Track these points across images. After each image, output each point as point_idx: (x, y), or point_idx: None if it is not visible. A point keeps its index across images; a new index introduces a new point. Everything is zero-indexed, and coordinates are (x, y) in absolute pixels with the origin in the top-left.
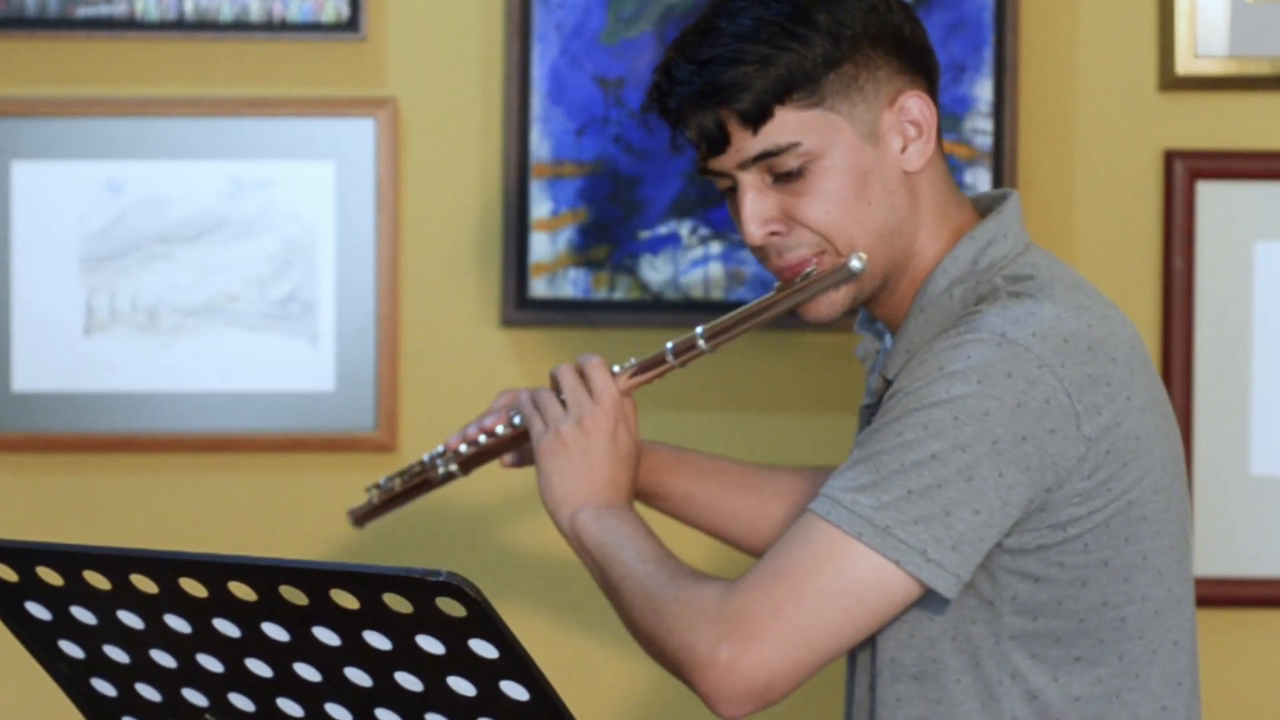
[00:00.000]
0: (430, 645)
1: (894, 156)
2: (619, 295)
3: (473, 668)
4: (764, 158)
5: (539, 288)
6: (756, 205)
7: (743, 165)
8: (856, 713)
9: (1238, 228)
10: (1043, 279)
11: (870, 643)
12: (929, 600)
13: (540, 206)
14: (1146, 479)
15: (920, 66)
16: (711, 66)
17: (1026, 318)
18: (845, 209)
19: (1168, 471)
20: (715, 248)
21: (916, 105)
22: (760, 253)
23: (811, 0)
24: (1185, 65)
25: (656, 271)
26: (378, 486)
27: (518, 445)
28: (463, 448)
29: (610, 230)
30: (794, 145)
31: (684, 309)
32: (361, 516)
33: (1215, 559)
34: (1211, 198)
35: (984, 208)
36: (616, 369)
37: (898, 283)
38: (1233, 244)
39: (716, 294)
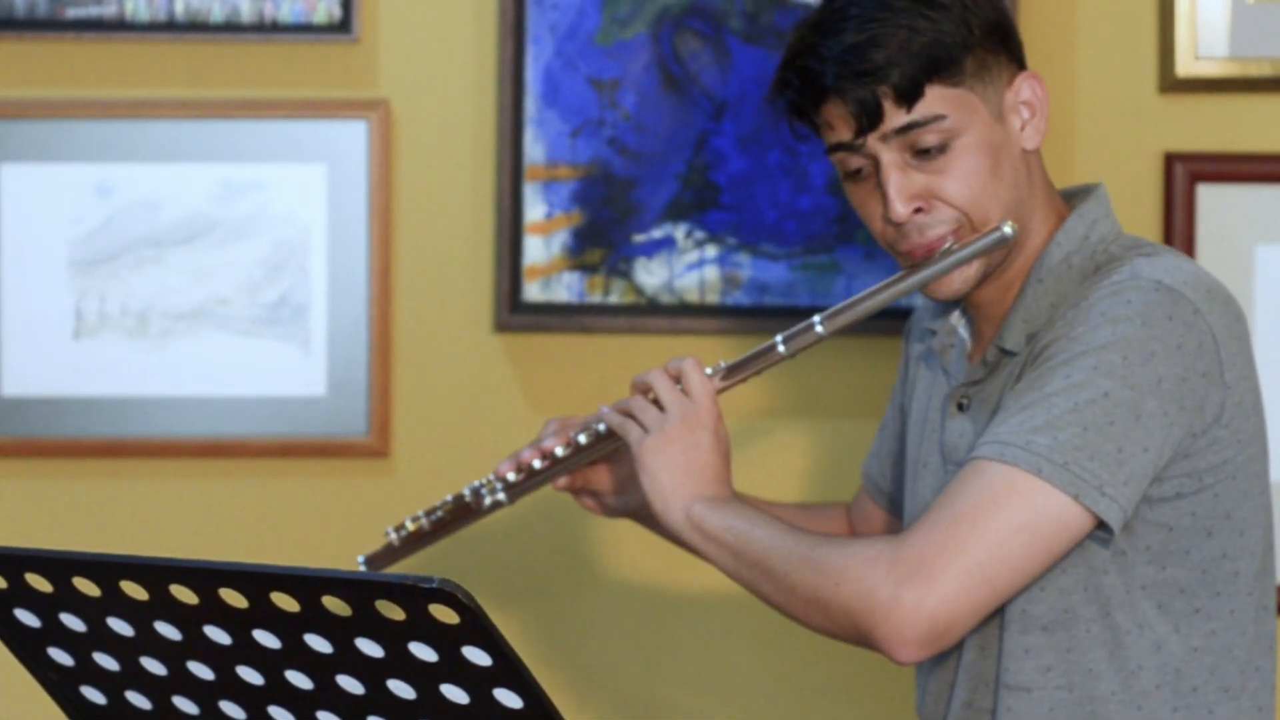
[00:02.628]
0: (423, 653)
1: (1015, 135)
2: (614, 299)
3: (466, 675)
4: (910, 129)
5: (533, 291)
6: (902, 183)
7: (885, 137)
8: (965, 676)
9: (1238, 231)
10: (1160, 247)
11: None
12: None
13: (534, 209)
14: (1259, 438)
15: (1021, 55)
16: (860, 47)
17: (1174, 268)
18: (984, 185)
19: (1266, 436)
20: (711, 251)
21: (1030, 87)
22: (897, 232)
23: None
24: (1185, 67)
25: (651, 275)
26: (399, 529)
27: (579, 466)
28: (511, 475)
29: (605, 233)
30: (940, 118)
31: (679, 313)
32: (377, 560)
33: None
34: (1212, 200)
35: (1066, 198)
36: (709, 370)
37: (1012, 260)
38: (1233, 247)
39: (712, 298)
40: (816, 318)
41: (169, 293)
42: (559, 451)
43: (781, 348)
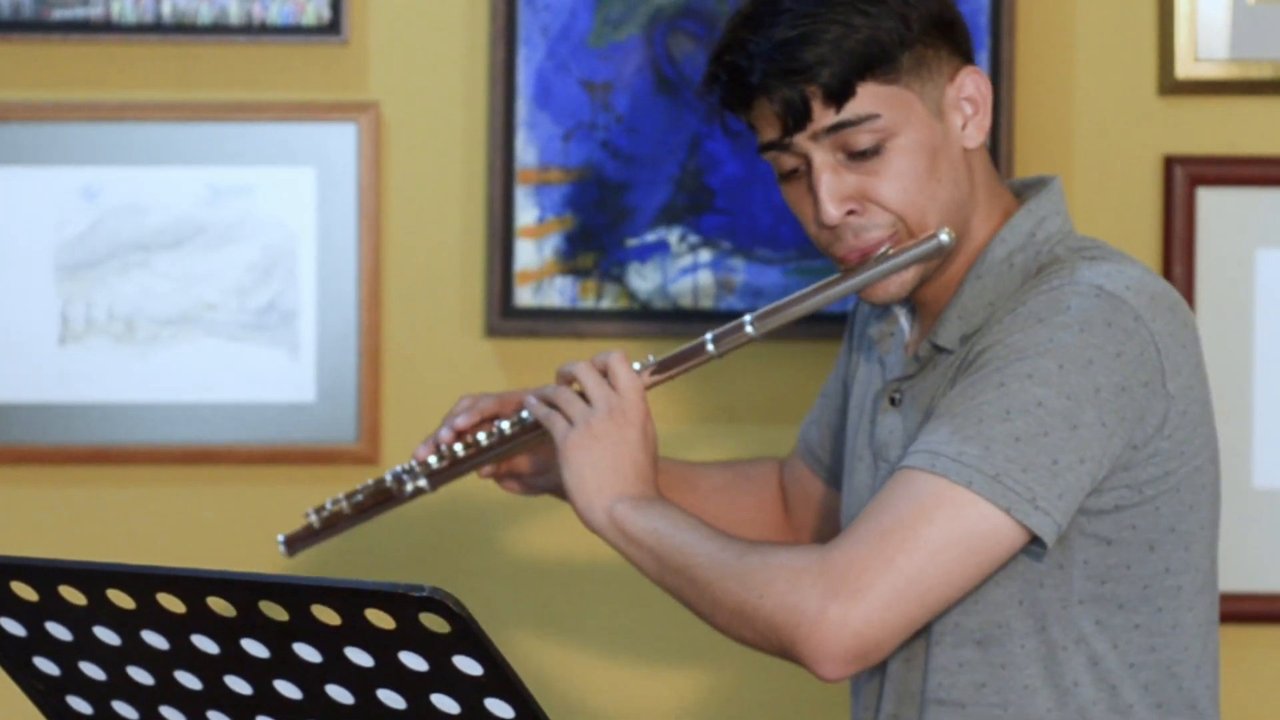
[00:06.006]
0: (413, 662)
1: (956, 133)
2: (606, 304)
3: (457, 685)
4: (841, 127)
5: (524, 296)
6: (833, 184)
7: (815, 136)
8: (890, 688)
9: (1239, 234)
10: (1106, 250)
11: None
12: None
13: (526, 213)
14: (1207, 448)
15: (967, 48)
16: (791, 44)
17: (1116, 273)
18: (920, 187)
19: (1216, 446)
20: (704, 256)
21: (973, 82)
22: (831, 234)
23: None
24: (1185, 69)
25: (645, 280)
26: (319, 510)
27: (503, 455)
28: (433, 460)
29: (597, 238)
30: (873, 117)
31: (673, 318)
32: (295, 541)
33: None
34: (1212, 204)
35: (1018, 190)
36: (636, 365)
37: (952, 261)
38: (1234, 251)
39: (706, 303)
40: (747, 317)
41: (156, 298)
42: (483, 440)
43: (711, 346)
